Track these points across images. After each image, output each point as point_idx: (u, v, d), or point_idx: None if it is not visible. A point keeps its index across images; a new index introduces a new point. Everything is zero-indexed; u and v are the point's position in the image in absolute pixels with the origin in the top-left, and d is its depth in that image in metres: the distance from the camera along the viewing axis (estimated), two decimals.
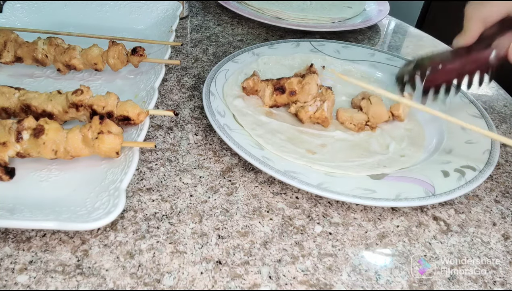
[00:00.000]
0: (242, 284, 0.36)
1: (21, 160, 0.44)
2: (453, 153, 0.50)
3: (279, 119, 0.55)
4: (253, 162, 0.45)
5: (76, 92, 0.47)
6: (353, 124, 0.55)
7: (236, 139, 0.48)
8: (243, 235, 0.41)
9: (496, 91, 0.70)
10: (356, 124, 0.54)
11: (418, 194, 0.43)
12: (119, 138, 0.43)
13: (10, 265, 0.36)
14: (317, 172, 0.46)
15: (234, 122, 0.53)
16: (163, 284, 0.36)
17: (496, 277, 0.39)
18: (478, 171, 0.47)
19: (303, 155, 0.49)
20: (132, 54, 0.57)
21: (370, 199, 0.42)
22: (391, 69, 0.67)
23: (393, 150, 0.52)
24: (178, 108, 0.59)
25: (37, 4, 0.74)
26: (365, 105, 0.56)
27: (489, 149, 0.50)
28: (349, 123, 0.55)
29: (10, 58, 0.59)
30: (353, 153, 0.51)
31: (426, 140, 0.54)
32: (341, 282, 0.37)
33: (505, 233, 0.44)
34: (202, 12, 0.92)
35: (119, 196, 0.38)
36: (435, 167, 0.48)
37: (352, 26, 0.86)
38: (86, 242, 0.38)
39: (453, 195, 0.44)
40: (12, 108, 0.48)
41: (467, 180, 0.45)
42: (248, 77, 0.58)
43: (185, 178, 0.47)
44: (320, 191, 0.43)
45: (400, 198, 0.43)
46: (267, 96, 0.56)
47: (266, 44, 0.70)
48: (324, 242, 0.41)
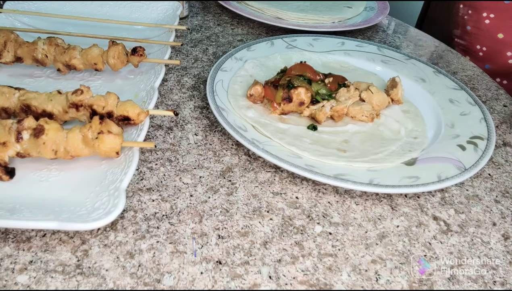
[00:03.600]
0: (242, 284, 0.36)
1: (21, 160, 0.44)
2: (456, 126, 0.55)
3: (294, 123, 0.56)
4: (300, 172, 0.45)
5: (76, 92, 0.47)
6: (365, 116, 0.57)
7: (274, 152, 0.48)
8: (243, 235, 0.41)
9: (496, 91, 0.70)
10: (368, 116, 0.57)
11: (454, 172, 0.47)
12: (119, 138, 0.43)
13: (10, 265, 0.36)
14: (359, 169, 0.48)
15: (259, 135, 0.52)
16: (163, 284, 0.36)
17: (496, 277, 0.39)
18: (486, 139, 0.52)
19: (338, 155, 0.50)
20: (132, 54, 0.57)
21: (421, 185, 0.45)
22: (364, 55, 0.72)
23: (404, 133, 0.55)
24: (178, 108, 0.59)
25: (37, 4, 0.74)
26: (367, 96, 0.57)
27: (483, 117, 0.57)
28: (361, 115, 0.57)
29: (10, 58, 0.59)
30: (374, 143, 0.53)
31: (425, 118, 0.59)
32: (341, 282, 0.37)
33: (505, 233, 0.44)
34: (202, 12, 0.92)
35: (119, 196, 0.38)
36: (450, 143, 0.52)
37: (352, 26, 0.86)
38: (86, 242, 0.38)
39: (480, 165, 0.48)
40: (12, 108, 0.48)
41: (482, 149, 0.50)
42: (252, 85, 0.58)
43: (185, 178, 0.47)
44: (375, 188, 0.44)
45: (443, 179, 0.46)
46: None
47: (244, 46, 0.70)
48: (324, 242, 0.41)
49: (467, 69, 0.78)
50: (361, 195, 0.47)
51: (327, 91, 0.57)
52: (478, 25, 0.89)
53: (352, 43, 0.75)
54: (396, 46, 0.85)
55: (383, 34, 0.90)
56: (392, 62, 0.70)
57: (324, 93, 0.57)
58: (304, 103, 0.55)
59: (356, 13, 0.92)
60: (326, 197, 0.46)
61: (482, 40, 0.90)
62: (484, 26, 0.87)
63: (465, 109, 0.59)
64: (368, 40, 0.84)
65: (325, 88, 0.57)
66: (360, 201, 0.46)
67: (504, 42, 0.85)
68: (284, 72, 0.60)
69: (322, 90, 0.57)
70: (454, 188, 0.49)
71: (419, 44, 0.87)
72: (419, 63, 0.70)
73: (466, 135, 0.53)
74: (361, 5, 0.96)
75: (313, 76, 0.59)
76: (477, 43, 0.91)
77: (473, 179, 0.51)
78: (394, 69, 0.68)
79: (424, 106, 0.61)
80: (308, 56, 0.71)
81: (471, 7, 0.90)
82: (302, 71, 0.59)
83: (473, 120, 0.56)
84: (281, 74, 0.60)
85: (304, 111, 0.56)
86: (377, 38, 0.88)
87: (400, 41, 0.88)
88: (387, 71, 0.68)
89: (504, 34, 0.85)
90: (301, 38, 0.75)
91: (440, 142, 0.53)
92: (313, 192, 0.47)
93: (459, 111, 0.59)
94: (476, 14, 0.89)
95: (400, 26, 0.95)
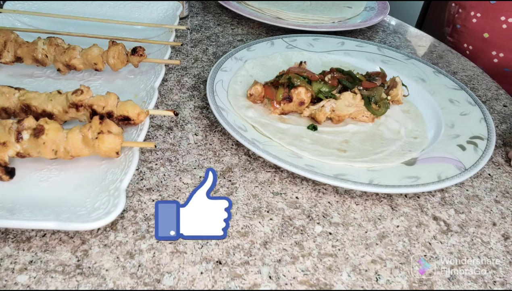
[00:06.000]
0: (242, 284, 0.36)
1: (21, 160, 0.44)
2: (456, 126, 0.55)
3: (294, 123, 0.56)
4: (300, 172, 0.45)
5: (76, 92, 0.47)
6: (365, 116, 0.57)
7: (274, 153, 0.48)
8: (243, 235, 0.41)
9: (496, 91, 0.70)
10: (368, 116, 0.57)
11: (454, 172, 0.47)
12: (119, 138, 0.43)
13: (10, 265, 0.36)
14: (359, 169, 0.48)
15: (259, 135, 0.52)
16: (163, 284, 0.36)
17: (496, 277, 0.39)
18: (486, 139, 0.52)
19: (338, 155, 0.50)
20: (132, 54, 0.57)
21: (421, 185, 0.45)
22: (364, 55, 0.72)
23: (404, 133, 0.56)
24: (178, 108, 0.59)
25: (37, 4, 0.74)
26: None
27: (483, 117, 0.57)
28: (362, 115, 0.57)
29: (10, 58, 0.59)
30: (374, 143, 0.53)
31: (425, 118, 0.59)
32: (341, 282, 0.37)
33: (505, 233, 0.44)
34: (202, 12, 0.92)
35: (119, 196, 0.38)
36: (450, 143, 0.52)
37: (352, 26, 0.86)
38: (86, 242, 0.38)
39: (480, 165, 0.48)
40: (12, 108, 0.48)
41: (482, 149, 0.50)
42: (252, 84, 0.58)
43: (185, 178, 0.47)
44: (375, 188, 0.44)
45: (443, 179, 0.46)
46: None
47: (244, 46, 0.70)
48: (324, 242, 0.41)
49: (467, 69, 0.78)
50: (361, 195, 0.47)
51: (328, 88, 0.57)
52: (466, 23, 0.90)
53: (352, 43, 0.75)
54: (396, 46, 0.85)
55: (383, 34, 0.90)
56: (392, 62, 0.70)
57: (327, 91, 0.57)
58: (304, 103, 0.55)
59: (356, 13, 0.92)
60: (326, 197, 0.46)
61: (469, 39, 0.91)
62: (471, 25, 0.88)
63: (465, 109, 0.59)
64: (368, 40, 0.84)
65: (325, 86, 0.57)
66: (360, 201, 0.46)
67: (489, 42, 0.86)
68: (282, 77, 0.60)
69: (323, 88, 0.57)
70: (454, 188, 0.49)
71: (419, 44, 0.87)
72: (419, 63, 0.70)
73: (466, 135, 0.53)
74: (361, 5, 0.96)
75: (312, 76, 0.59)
76: (465, 41, 0.92)
77: (473, 179, 0.51)
78: (394, 69, 0.68)
79: (424, 106, 0.61)
80: (308, 56, 0.71)
81: (461, 6, 0.92)
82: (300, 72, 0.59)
83: (473, 120, 0.56)
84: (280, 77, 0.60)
85: (304, 111, 0.56)
86: (377, 38, 0.88)
87: (400, 41, 0.88)
88: (387, 71, 0.67)
89: (489, 34, 0.86)
90: (301, 38, 0.75)
91: (440, 143, 0.53)
92: (313, 192, 0.47)
93: (459, 111, 0.59)
94: (464, 13, 0.90)
95: (400, 26, 0.95)
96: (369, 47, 0.74)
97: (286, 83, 0.56)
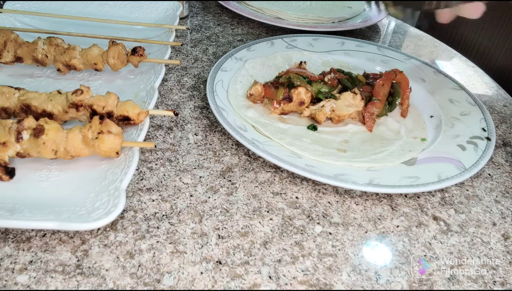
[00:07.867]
0: (242, 284, 0.36)
1: (21, 160, 0.44)
2: (456, 127, 0.56)
3: (294, 123, 0.56)
4: (300, 172, 0.45)
5: (76, 92, 0.47)
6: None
7: (274, 153, 0.48)
8: (243, 235, 0.41)
9: (496, 91, 0.70)
10: None
11: (454, 172, 0.47)
12: (119, 138, 0.43)
13: (10, 265, 0.36)
14: (358, 169, 0.48)
15: (259, 135, 0.52)
16: (163, 284, 0.36)
17: (496, 277, 0.39)
18: (486, 139, 0.53)
19: (338, 155, 0.50)
20: (132, 54, 0.57)
21: (421, 185, 0.45)
22: (364, 55, 0.72)
23: (404, 133, 0.55)
24: (178, 108, 0.59)
25: (37, 4, 0.74)
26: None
27: (483, 117, 0.57)
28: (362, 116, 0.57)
29: (10, 58, 0.59)
30: (374, 143, 0.53)
31: (424, 117, 0.59)
32: (341, 282, 0.37)
33: (505, 233, 0.44)
34: (202, 12, 0.92)
35: (119, 196, 0.38)
36: (450, 143, 0.52)
37: (352, 26, 0.86)
38: (86, 242, 0.38)
39: (480, 165, 0.48)
40: (12, 108, 0.48)
41: (482, 149, 0.51)
42: (252, 84, 0.58)
43: (185, 178, 0.47)
44: (375, 188, 0.44)
45: (443, 179, 0.46)
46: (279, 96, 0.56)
47: (244, 46, 0.70)
48: (324, 242, 0.41)
49: (467, 69, 0.78)
50: (361, 195, 0.47)
51: (328, 88, 0.57)
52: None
53: (352, 43, 0.75)
54: (396, 46, 0.85)
55: (383, 34, 0.90)
56: (392, 62, 0.70)
57: (327, 91, 0.57)
58: (304, 103, 0.55)
59: (356, 13, 0.92)
60: (326, 197, 0.46)
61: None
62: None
63: (465, 109, 0.59)
64: (368, 40, 0.84)
65: (325, 86, 0.57)
66: (360, 201, 0.46)
67: None
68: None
69: (323, 88, 0.57)
70: (454, 188, 0.49)
71: (419, 44, 0.87)
72: (419, 63, 0.70)
73: (466, 135, 0.54)
74: (361, 5, 0.96)
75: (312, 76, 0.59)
76: None
77: (473, 179, 0.51)
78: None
79: (424, 106, 0.61)
80: (308, 56, 0.71)
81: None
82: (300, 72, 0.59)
83: (473, 120, 0.56)
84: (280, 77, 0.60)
85: (304, 111, 0.56)
86: (377, 38, 0.88)
87: (400, 41, 0.88)
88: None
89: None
90: (301, 38, 0.75)
91: (440, 143, 0.53)
92: (313, 192, 0.47)
93: (459, 111, 0.59)
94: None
95: (400, 26, 0.95)
96: (369, 47, 0.74)
97: (286, 83, 0.56)
